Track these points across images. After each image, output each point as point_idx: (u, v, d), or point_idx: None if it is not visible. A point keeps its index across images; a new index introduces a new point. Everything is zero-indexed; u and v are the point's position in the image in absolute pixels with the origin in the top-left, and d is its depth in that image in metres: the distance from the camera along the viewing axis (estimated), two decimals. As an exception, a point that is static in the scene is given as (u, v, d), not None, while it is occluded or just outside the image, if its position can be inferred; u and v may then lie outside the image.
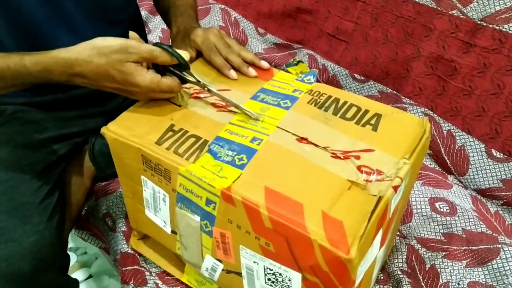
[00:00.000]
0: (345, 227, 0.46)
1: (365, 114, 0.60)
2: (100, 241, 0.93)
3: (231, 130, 0.58)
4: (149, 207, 0.64)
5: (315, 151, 0.54)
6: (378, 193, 0.48)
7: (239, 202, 0.50)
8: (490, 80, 0.84)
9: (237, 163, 0.53)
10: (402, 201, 0.58)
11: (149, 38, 1.33)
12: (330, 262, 0.46)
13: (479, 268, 0.72)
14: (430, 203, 0.82)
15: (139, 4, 1.40)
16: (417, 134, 0.56)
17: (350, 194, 0.49)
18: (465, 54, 0.87)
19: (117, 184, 0.88)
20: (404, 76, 0.97)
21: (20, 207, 0.65)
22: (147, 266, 0.76)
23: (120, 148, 0.59)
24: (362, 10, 1.02)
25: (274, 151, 0.55)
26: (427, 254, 0.74)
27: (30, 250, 0.63)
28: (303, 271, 0.50)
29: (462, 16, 0.86)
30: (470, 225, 0.79)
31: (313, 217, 0.47)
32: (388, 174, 0.51)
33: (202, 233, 0.57)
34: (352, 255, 0.44)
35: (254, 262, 0.54)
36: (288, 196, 0.49)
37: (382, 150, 0.54)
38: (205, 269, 0.62)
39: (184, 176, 0.53)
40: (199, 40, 0.70)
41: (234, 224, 0.52)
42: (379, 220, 0.49)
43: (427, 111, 0.94)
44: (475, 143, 0.87)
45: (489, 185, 0.85)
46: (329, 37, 1.10)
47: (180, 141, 0.56)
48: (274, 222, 0.48)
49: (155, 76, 0.58)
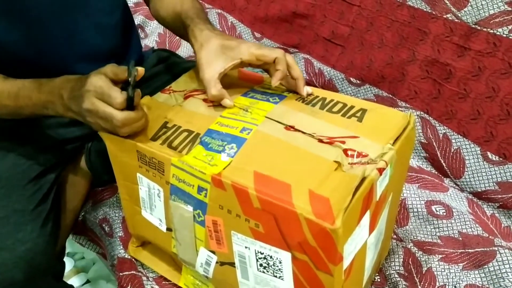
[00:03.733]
0: (331, 202, 0.47)
1: (350, 109, 0.62)
2: (98, 246, 0.93)
3: (222, 122, 0.60)
4: (145, 207, 0.66)
5: (302, 137, 0.56)
6: (362, 174, 0.49)
7: (228, 185, 0.52)
8: (485, 83, 0.84)
9: (227, 151, 0.55)
10: (392, 189, 0.59)
11: (145, 42, 1.34)
12: (317, 235, 0.47)
13: (476, 271, 0.72)
14: (426, 206, 0.82)
15: (135, 9, 1.41)
16: (401, 125, 0.58)
17: (337, 175, 0.51)
18: (460, 58, 0.87)
19: (114, 189, 0.88)
20: (400, 79, 0.97)
21: (13, 215, 0.65)
22: (144, 271, 0.76)
23: (116, 146, 0.62)
24: (357, 14, 1.03)
25: (262, 139, 0.57)
26: (424, 257, 0.74)
27: (23, 258, 0.63)
28: (292, 250, 0.51)
29: (456, 20, 0.87)
30: (466, 228, 0.79)
31: (301, 195, 0.48)
32: (373, 158, 0.52)
33: (195, 224, 0.59)
34: (336, 225, 0.45)
35: (246, 247, 0.55)
36: (277, 178, 0.51)
37: (366, 137, 0.56)
38: (199, 264, 0.63)
39: (177, 166, 0.56)
40: (250, 56, 0.63)
41: (225, 209, 0.54)
42: (364, 199, 0.50)
43: (423, 115, 0.94)
44: (471, 146, 0.87)
45: (485, 188, 0.85)
46: (325, 41, 1.11)
47: (173, 136, 0.59)
48: (262, 201, 0.50)
49: (125, 114, 0.57)
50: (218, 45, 0.63)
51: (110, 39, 0.82)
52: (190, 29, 0.68)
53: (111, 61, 0.84)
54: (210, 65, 0.62)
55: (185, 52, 1.31)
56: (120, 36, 0.84)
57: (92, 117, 0.57)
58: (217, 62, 0.62)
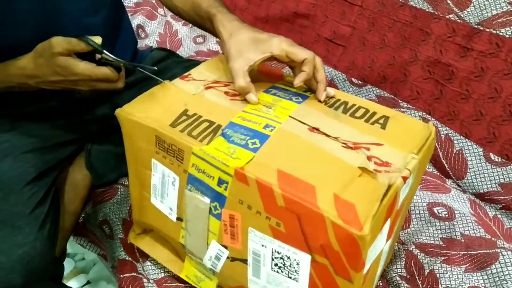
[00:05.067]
0: (357, 208, 0.46)
1: (373, 115, 0.61)
2: (98, 248, 0.92)
3: (244, 117, 0.59)
4: (155, 194, 0.65)
5: (326, 140, 0.55)
6: (389, 181, 0.49)
7: (252, 181, 0.50)
8: (487, 84, 0.84)
9: (250, 146, 0.54)
10: (407, 198, 0.58)
11: (146, 42, 1.33)
12: (342, 240, 0.46)
13: (478, 273, 0.71)
14: (428, 208, 0.82)
15: (135, 9, 1.40)
16: (424, 135, 0.58)
17: (361, 181, 0.50)
18: (462, 58, 0.87)
19: (114, 191, 0.87)
20: (402, 80, 0.97)
21: (10, 218, 0.65)
22: (144, 273, 0.75)
23: (134, 129, 0.60)
24: (359, 14, 1.02)
25: (286, 137, 0.56)
26: (426, 259, 0.74)
27: (20, 262, 0.62)
28: (313, 252, 0.50)
29: (459, 20, 0.86)
30: (468, 229, 0.78)
31: (325, 198, 0.47)
32: (397, 166, 0.52)
33: (210, 217, 0.58)
34: (365, 232, 0.44)
35: (262, 245, 0.54)
36: (301, 179, 0.50)
37: (390, 145, 0.55)
38: (208, 257, 0.62)
39: (198, 156, 0.54)
40: (280, 52, 0.62)
41: (245, 205, 0.53)
42: (388, 208, 0.49)
43: (425, 115, 0.93)
44: (473, 147, 0.87)
45: (487, 189, 0.85)
46: (326, 42, 1.10)
47: (194, 125, 0.57)
48: (287, 200, 0.48)
49: (87, 65, 0.62)
50: (249, 36, 0.62)
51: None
52: (217, 18, 0.66)
53: None
54: (240, 56, 0.61)
55: (185, 52, 1.31)
56: (107, 36, 0.84)
57: (59, 71, 0.62)
58: (247, 54, 0.61)
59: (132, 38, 0.93)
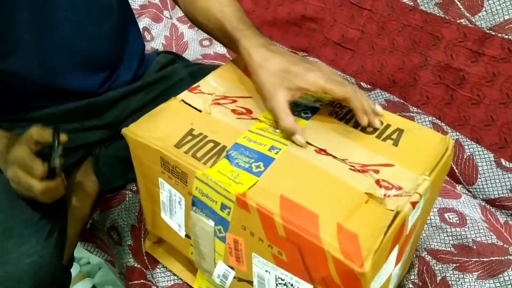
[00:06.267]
0: (360, 240, 0.45)
1: (386, 128, 0.59)
2: (106, 254, 0.91)
3: (250, 137, 0.58)
4: (165, 210, 0.65)
5: (333, 162, 0.54)
6: (396, 208, 0.47)
7: (253, 208, 0.50)
8: (499, 89, 0.83)
9: (254, 170, 0.53)
10: (421, 218, 0.57)
11: (152, 45, 1.33)
12: (343, 274, 0.45)
13: (491, 280, 0.71)
14: (439, 213, 0.81)
15: (141, 12, 1.40)
16: (439, 151, 0.55)
17: (367, 208, 0.48)
18: (473, 63, 0.86)
19: (122, 196, 0.87)
20: (412, 84, 0.96)
21: (17, 227, 0.64)
22: (154, 281, 0.75)
23: (140, 149, 0.60)
24: (368, 18, 1.01)
25: (291, 160, 0.54)
26: (438, 266, 0.73)
27: (28, 271, 0.61)
28: (315, 283, 0.49)
29: (470, 25, 0.85)
30: (480, 236, 0.78)
31: (328, 229, 0.46)
32: (407, 190, 0.50)
33: (215, 239, 0.57)
34: (365, 269, 0.43)
35: (266, 271, 0.53)
36: (304, 206, 0.49)
37: (402, 165, 0.53)
38: (216, 275, 0.62)
39: (201, 180, 0.54)
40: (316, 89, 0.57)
41: (247, 231, 0.52)
42: (395, 236, 0.48)
43: (435, 120, 0.93)
44: (484, 152, 0.86)
45: (498, 195, 0.84)
46: (334, 45, 1.10)
47: (198, 146, 0.57)
48: (288, 231, 0.48)
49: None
50: (280, 68, 0.57)
51: (103, 48, 0.80)
52: (242, 44, 0.62)
53: (107, 69, 0.83)
54: (276, 91, 0.57)
55: (191, 55, 1.30)
56: (115, 43, 0.83)
57: (15, 184, 0.62)
58: (282, 89, 0.56)
59: (140, 44, 0.92)
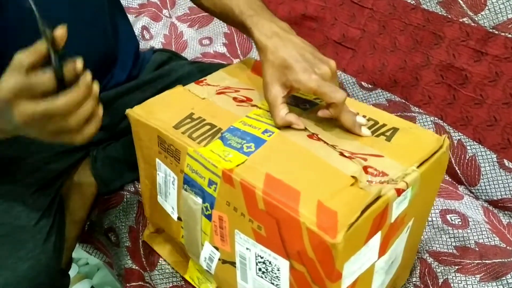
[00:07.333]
0: (338, 216, 0.45)
1: (381, 127, 0.59)
2: (104, 255, 0.91)
3: (246, 122, 0.60)
4: (160, 193, 0.67)
5: (323, 147, 0.55)
6: (378, 192, 0.47)
7: (237, 183, 0.51)
8: (502, 89, 0.82)
9: (244, 150, 0.55)
10: (413, 213, 0.56)
11: (151, 44, 1.32)
12: (316, 247, 0.46)
13: (493, 282, 0.70)
14: (441, 215, 0.80)
15: (140, 10, 1.39)
16: (432, 148, 0.55)
17: (351, 190, 0.49)
18: (476, 63, 0.85)
19: (120, 197, 0.86)
20: (413, 84, 0.95)
21: (13, 232, 0.63)
22: (152, 283, 0.74)
23: (141, 128, 0.64)
24: (369, 17, 1.01)
25: (282, 142, 0.56)
26: (440, 268, 0.72)
27: (25, 277, 0.60)
28: (291, 258, 0.50)
29: (473, 24, 0.84)
30: (483, 238, 0.77)
31: (308, 205, 0.47)
32: (394, 178, 0.50)
33: (202, 217, 0.59)
34: (337, 240, 0.43)
35: (247, 248, 0.54)
36: (287, 184, 0.50)
37: (391, 157, 0.54)
38: (203, 259, 0.63)
39: (192, 157, 0.56)
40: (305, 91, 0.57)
41: (231, 207, 0.54)
42: (376, 218, 0.48)
43: (437, 120, 0.92)
44: (487, 153, 0.85)
45: (501, 196, 0.83)
46: (335, 45, 1.09)
47: (196, 128, 0.60)
48: (267, 203, 0.49)
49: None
50: (282, 62, 0.57)
51: (96, 48, 0.80)
52: (254, 35, 0.61)
53: (102, 68, 0.82)
54: (272, 85, 0.58)
55: (191, 54, 1.29)
56: (108, 43, 0.82)
57: (32, 127, 0.48)
58: (278, 83, 0.57)
59: (133, 43, 0.91)
